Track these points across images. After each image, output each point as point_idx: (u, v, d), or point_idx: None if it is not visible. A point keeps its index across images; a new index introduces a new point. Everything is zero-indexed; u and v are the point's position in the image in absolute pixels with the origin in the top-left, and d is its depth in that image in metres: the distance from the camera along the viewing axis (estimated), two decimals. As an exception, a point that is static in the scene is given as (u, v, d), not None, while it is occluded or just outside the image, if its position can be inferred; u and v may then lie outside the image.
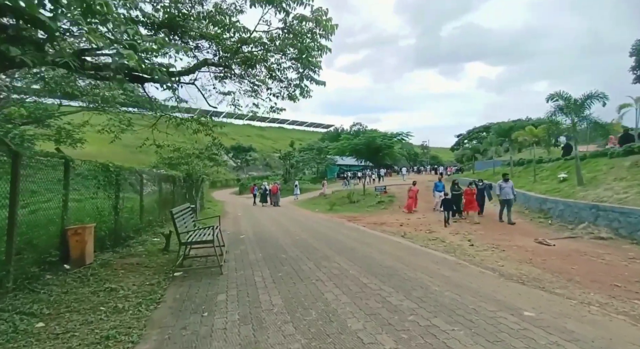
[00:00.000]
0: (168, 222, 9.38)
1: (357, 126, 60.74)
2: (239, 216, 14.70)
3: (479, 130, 42.63)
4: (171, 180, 11.11)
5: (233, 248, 7.49)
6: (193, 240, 5.43)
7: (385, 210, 15.90)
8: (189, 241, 5.39)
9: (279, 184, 19.94)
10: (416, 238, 8.72)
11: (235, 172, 54.64)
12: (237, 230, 10.22)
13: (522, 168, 19.75)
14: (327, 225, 11.19)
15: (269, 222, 12.13)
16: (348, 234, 9.10)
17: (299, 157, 37.46)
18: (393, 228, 10.61)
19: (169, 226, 8.57)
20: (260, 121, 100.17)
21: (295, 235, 8.98)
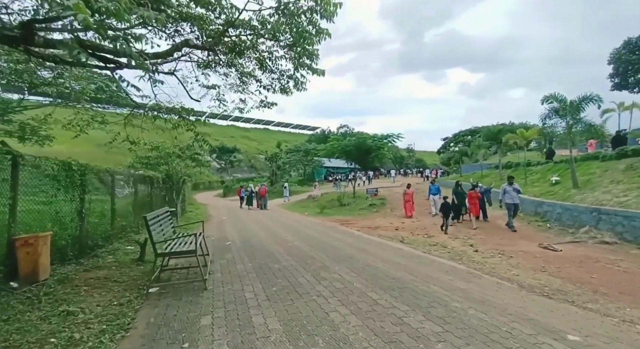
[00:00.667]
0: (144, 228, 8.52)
1: (344, 128, 60.56)
2: (224, 220, 13.85)
3: (465, 133, 43.16)
4: (149, 181, 10.19)
5: (218, 257, 6.75)
6: (172, 250, 4.68)
7: (377, 213, 15.41)
8: (167, 252, 4.64)
9: (267, 186, 19.13)
10: (416, 243, 8.21)
11: (219, 173, 53.16)
12: (222, 236, 9.43)
13: (510, 171, 19.75)
14: (319, 229, 10.54)
15: (257, 227, 11.37)
16: (343, 239, 8.49)
17: (286, 159, 36.70)
18: (389, 233, 10.10)
19: (146, 232, 7.73)
20: (245, 122, 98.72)
21: (286, 241, 8.30)
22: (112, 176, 7.50)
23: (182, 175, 12.75)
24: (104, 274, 5.33)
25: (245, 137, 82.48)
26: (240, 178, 49.66)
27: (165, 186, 12.07)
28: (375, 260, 6.08)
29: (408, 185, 14.55)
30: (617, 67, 23.39)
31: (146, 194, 10.22)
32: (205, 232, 10.62)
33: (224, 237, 9.26)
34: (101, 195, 7.23)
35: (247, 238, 9.02)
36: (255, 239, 8.84)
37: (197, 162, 14.02)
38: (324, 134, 60.79)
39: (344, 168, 50.97)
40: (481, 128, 42.52)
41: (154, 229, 4.66)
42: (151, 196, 10.39)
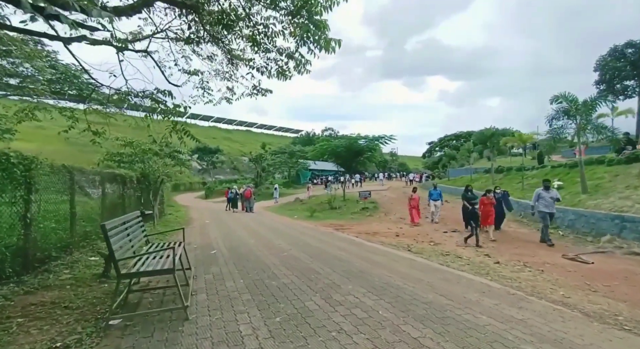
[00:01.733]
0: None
1: (329, 131, 59.88)
2: (207, 224, 12.60)
3: (450, 137, 43.33)
4: (120, 180, 8.88)
5: (203, 270, 5.65)
6: (141, 269, 3.58)
7: (371, 217, 14.55)
8: (135, 272, 3.53)
9: (252, 188, 17.95)
10: (425, 252, 7.36)
11: (201, 174, 51.16)
12: (206, 243, 8.26)
13: (502, 175, 19.47)
14: (314, 235, 9.54)
15: (245, 232, 10.23)
16: (345, 248, 7.52)
17: (270, 160, 35.45)
18: (391, 240, 9.23)
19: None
20: (227, 123, 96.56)
21: (281, 250, 7.25)
22: (71, 173, 6.23)
23: (160, 174, 11.43)
24: (52, 297, 4.14)
25: (227, 138, 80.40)
26: (223, 179, 47.94)
27: (140, 187, 10.73)
28: (392, 275, 5.14)
29: (414, 189, 13.24)
30: (603, 74, 23.79)
31: (117, 195, 8.91)
32: (188, 238, 9.39)
33: (208, 244, 8.10)
34: (57, 195, 5.96)
35: (235, 245, 7.90)
36: (244, 247, 7.74)
37: (177, 161, 12.71)
38: (309, 136, 59.92)
39: (329, 171, 50.19)
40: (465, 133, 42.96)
41: (117, 241, 3.55)
42: (123, 197, 9.08)
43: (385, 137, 17.69)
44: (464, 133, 42.62)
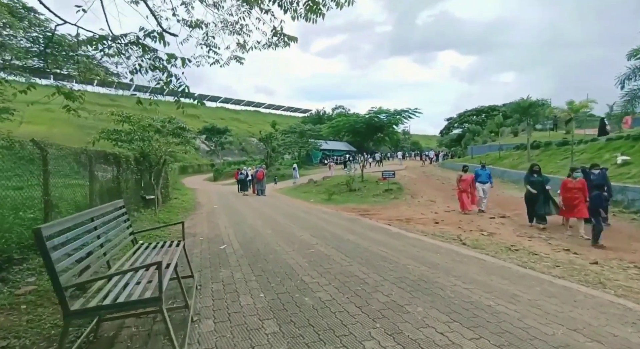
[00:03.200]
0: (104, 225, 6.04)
1: (340, 109, 57.59)
2: (216, 209, 11.34)
3: (471, 112, 40.70)
4: (113, 160, 7.53)
5: (210, 275, 4.32)
6: (105, 303, 2.19)
7: (396, 200, 13.09)
8: (94, 307, 2.16)
9: (264, 169, 16.58)
10: (486, 247, 5.93)
11: (209, 156, 50.07)
12: (214, 235, 6.95)
13: (539, 151, 17.58)
14: (338, 222, 8.16)
15: (259, 219, 8.91)
16: (383, 241, 6.12)
17: (281, 140, 33.91)
18: (430, 228, 7.80)
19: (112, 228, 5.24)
20: (235, 104, 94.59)
21: (304, 244, 5.89)
22: (43, 150, 4.86)
23: (163, 154, 10.06)
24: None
25: (235, 119, 78.66)
26: (231, 161, 46.79)
27: (139, 169, 9.41)
28: (468, 285, 3.74)
29: (464, 168, 10.63)
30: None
31: (111, 178, 7.58)
32: (193, 228, 8.11)
33: (217, 236, 6.79)
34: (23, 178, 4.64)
35: (249, 238, 6.57)
36: (259, 240, 6.40)
37: (182, 139, 11.30)
38: (319, 115, 57.76)
39: (340, 151, 48.52)
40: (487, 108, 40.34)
41: (69, 253, 2.16)
42: (118, 180, 7.75)
43: (409, 110, 15.88)
44: (485, 107, 39.97)
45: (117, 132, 9.67)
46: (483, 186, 10.07)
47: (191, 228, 7.69)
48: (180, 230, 4.27)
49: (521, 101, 16.98)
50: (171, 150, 10.52)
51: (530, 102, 16.82)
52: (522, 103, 16.93)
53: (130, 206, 8.03)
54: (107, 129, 9.40)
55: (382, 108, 15.69)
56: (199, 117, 66.02)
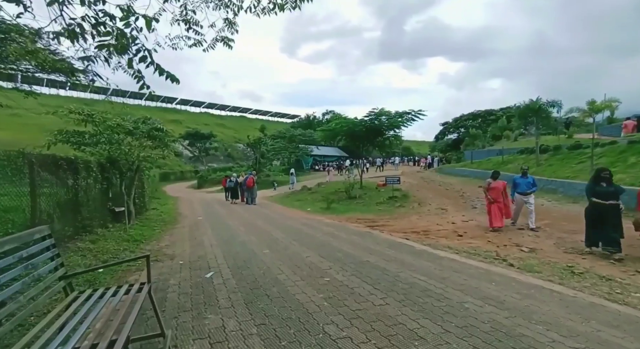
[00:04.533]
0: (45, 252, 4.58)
1: (330, 114, 56.68)
2: (200, 222, 9.86)
3: (467, 117, 40.38)
4: (68, 167, 6.02)
5: (191, 327, 2.94)
6: None
7: (402, 208, 11.90)
8: None
9: (255, 175, 15.16)
10: (538, 269, 4.77)
11: (193, 162, 48.03)
12: (197, 257, 5.52)
13: (548, 155, 16.78)
14: (348, 238, 6.87)
15: (252, 234, 7.53)
16: (411, 263, 4.87)
17: (270, 146, 32.47)
18: (454, 242, 6.64)
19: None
20: (219, 109, 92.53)
21: (314, 269, 4.58)
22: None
23: (135, 159, 8.56)
24: None
25: (220, 125, 76.60)
26: (217, 167, 44.94)
27: (106, 176, 7.88)
28: (575, 344, 2.50)
29: (494, 174, 8.21)
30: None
31: (67, 189, 6.06)
32: (172, 247, 6.57)
33: (201, 259, 5.38)
34: None
35: (242, 261, 5.19)
36: (256, 263, 5.03)
37: (159, 142, 9.82)
38: (309, 120, 56.64)
39: (332, 157, 47.37)
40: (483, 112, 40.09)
41: None
42: (76, 191, 6.23)
43: (412, 112, 14.82)
44: (482, 112, 39.74)
45: (80, 134, 8.15)
46: (526, 198, 7.75)
47: (169, 248, 6.24)
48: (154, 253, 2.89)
49: (531, 103, 16.26)
50: (146, 155, 9.01)
51: (540, 103, 16.12)
52: (531, 105, 16.20)
53: (92, 222, 6.52)
54: (65, 130, 7.86)
55: (383, 110, 14.58)
56: (181, 122, 63.78)
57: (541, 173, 15.25)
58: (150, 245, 6.42)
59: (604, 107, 13.46)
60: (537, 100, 16.05)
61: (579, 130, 32.64)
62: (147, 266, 2.69)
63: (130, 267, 4.82)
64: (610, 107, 13.55)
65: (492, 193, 7.93)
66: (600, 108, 13.52)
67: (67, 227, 5.51)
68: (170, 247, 6.32)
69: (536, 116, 16.19)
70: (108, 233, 6.67)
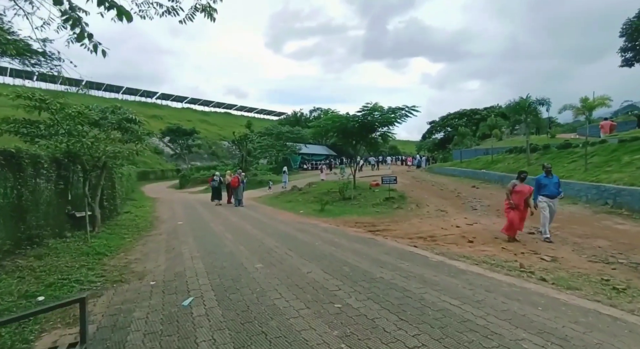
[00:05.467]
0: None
1: (318, 111, 55.71)
2: (180, 227, 8.80)
3: (454, 116, 40.28)
4: (7, 163, 4.87)
5: None
6: None
7: (400, 210, 11.16)
8: None
9: (241, 174, 14.05)
10: (574, 284, 4.10)
11: (174, 160, 46.10)
12: (174, 275, 4.53)
13: (538, 154, 16.52)
14: (349, 246, 6.02)
15: (240, 243, 6.58)
16: (433, 280, 4.06)
17: (256, 143, 31.21)
18: (467, 250, 5.93)
19: None
20: (203, 105, 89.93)
21: (320, 291, 3.70)
22: None
23: (102, 155, 7.41)
24: None
25: (204, 121, 74.30)
26: (200, 166, 43.27)
27: (63, 175, 6.72)
28: None
29: (521, 175, 6.87)
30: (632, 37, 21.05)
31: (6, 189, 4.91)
32: (143, 262, 5.31)
33: (179, 277, 4.40)
34: None
35: (231, 279, 4.24)
36: (247, 283, 4.10)
37: (132, 134, 8.66)
38: (296, 117, 55.48)
39: (320, 155, 46.43)
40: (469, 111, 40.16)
41: None
42: (18, 193, 5.07)
43: (405, 108, 14.10)
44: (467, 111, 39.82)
45: (33, 124, 6.96)
46: (550, 201, 6.63)
47: (139, 263, 5.21)
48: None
49: (521, 101, 15.90)
50: (116, 150, 7.84)
51: (530, 101, 15.77)
52: (522, 103, 15.84)
53: (42, 231, 5.39)
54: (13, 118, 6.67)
55: (377, 105, 13.78)
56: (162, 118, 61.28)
57: (534, 172, 14.92)
58: (116, 260, 5.37)
59: (597, 104, 13.19)
60: (527, 98, 15.72)
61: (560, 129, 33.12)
62: (82, 316, 1.73)
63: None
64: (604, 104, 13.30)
65: (516, 197, 6.68)
66: (593, 106, 13.24)
67: (4, 240, 4.41)
68: (141, 261, 5.29)
69: (526, 114, 15.84)
70: (63, 245, 5.55)
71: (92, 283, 4.22)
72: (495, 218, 9.15)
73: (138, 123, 8.69)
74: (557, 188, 6.78)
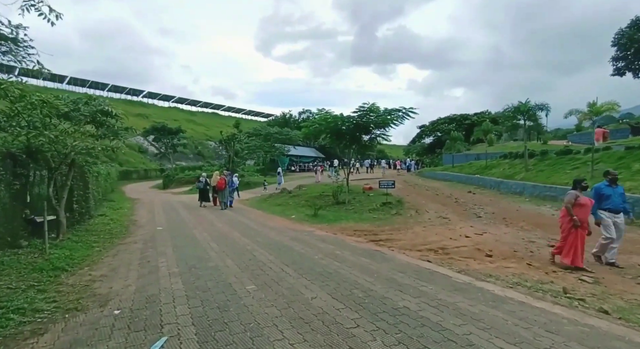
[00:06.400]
0: None
1: (307, 114, 54.94)
2: (159, 234, 7.84)
3: (444, 121, 40.21)
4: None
5: None
6: None
7: (399, 216, 10.48)
8: None
9: (228, 175, 13.07)
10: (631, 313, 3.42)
11: (158, 160, 44.38)
12: (145, 300, 3.63)
13: (535, 160, 16.19)
14: (354, 262, 5.26)
15: (228, 256, 5.72)
16: (468, 311, 3.32)
17: (244, 144, 30.15)
18: (489, 267, 5.24)
19: None
20: (190, 105, 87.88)
21: (333, 327, 2.89)
22: None
23: (70, 150, 6.42)
24: None
25: (190, 121, 72.43)
26: (185, 166, 41.76)
27: (20, 173, 5.71)
28: None
29: (582, 184, 5.44)
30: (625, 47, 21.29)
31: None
32: (110, 281, 4.20)
33: (152, 303, 3.50)
34: None
35: (217, 306, 3.38)
36: (238, 314, 3.25)
37: (107, 129, 7.68)
38: (285, 118, 54.52)
39: (309, 157, 45.62)
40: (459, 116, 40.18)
41: None
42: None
43: (402, 109, 13.49)
44: (457, 116, 39.81)
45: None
46: (616, 216, 5.29)
47: (104, 282, 4.29)
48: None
49: (520, 105, 15.58)
50: (89, 147, 6.86)
51: (529, 105, 15.47)
52: (521, 107, 15.52)
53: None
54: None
55: (374, 106, 13.10)
56: (148, 117, 59.23)
57: (533, 178, 14.58)
58: (77, 277, 4.43)
59: (604, 109, 12.92)
60: (527, 102, 15.43)
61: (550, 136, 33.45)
62: None
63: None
64: (613, 109, 13.05)
65: (580, 212, 5.18)
66: (600, 111, 12.96)
67: None
68: (107, 279, 4.37)
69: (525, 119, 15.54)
70: (11, 259, 4.57)
71: (38, 312, 3.30)
72: (504, 227, 8.58)
73: (115, 117, 7.72)
74: (622, 199, 5.48)
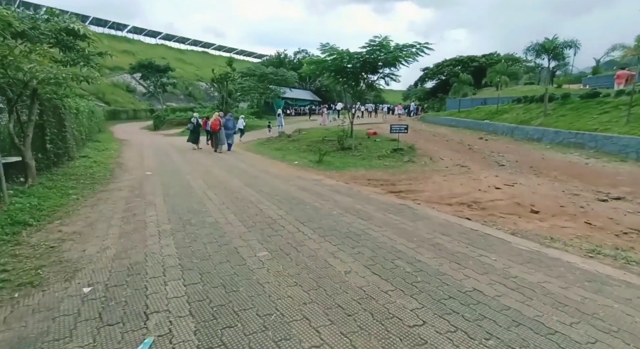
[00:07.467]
0: None
1: (303, 53, 50.82)
2: (148, 180, 6.90)
3: (449, 62, 37.10)
4: None
5: None
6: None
7: (412, 164, 9.58)
8: None
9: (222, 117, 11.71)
10: None
11: (147, 99, 41.86)
12: (127, 269, 2.78)
13: (556, 104, 14.88)
14: (383, 219, 4.44)
15: (228, 206, 4.85)
16: (581, 303, 2.51)
17: (238, 84, 27.86)
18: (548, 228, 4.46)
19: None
20: (179, 42, 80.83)
21: (384, 322, 2.04)
22: None
23: (31, 78, 5.10)
24: None
25: (179, 60, 67.12)
26: (176, 107, 39.53)
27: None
28: None
29: None
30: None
31: None
32: (84, 240, 3.00)
33: (136, 278, 2.63)
34: None
35: (222, 285, 2.53)
36: (249, 292, 2.39)
37: (76, 53, 6.21)
38: (279, 58, 50.46)
39: (305, 101, 43.29)
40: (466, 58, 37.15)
41: None
42: None
43: (416, 45, 11.70)
44: (464, 57, 36.68)
45: None
46: None
47: (76, 242, 3.41)
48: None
49: (546, 42, 13.81)
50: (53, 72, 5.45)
51: (556, 43, 13.72)
52: (546, 45, 13.77)
53: None
54: None
55: (386, 39, 11.30)
56: (134, 54, 54.38)
57: (553, 124, 13.52)
58: (43, 234, 3.54)
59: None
60: (554, 39, 13.65)
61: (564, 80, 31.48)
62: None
63: None
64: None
65: None
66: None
67: None
68: (79, 239, 3.49)
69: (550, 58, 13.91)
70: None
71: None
72: (534, 177, 7.78)
73: (84, 38, 6.19)
74: None
